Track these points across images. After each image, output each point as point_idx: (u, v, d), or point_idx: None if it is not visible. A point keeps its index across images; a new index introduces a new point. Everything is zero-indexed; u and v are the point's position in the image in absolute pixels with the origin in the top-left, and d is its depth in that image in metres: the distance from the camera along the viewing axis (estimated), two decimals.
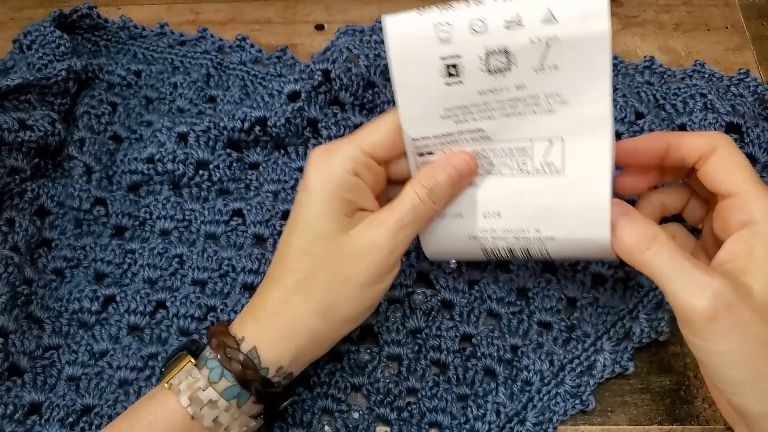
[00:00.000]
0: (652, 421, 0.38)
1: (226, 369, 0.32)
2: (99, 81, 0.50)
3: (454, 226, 0.35)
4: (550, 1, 0.28)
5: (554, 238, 0.33)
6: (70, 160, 0.45)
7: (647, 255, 0.30)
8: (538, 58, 0.29)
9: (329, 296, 0.32)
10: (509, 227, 0.34)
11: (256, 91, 0.49)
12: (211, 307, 0.41)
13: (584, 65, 0.29)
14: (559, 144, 0.31)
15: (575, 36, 0.28)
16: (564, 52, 0.29)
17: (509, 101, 0.31)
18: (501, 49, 0.29)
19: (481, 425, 0.37)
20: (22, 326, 0.40)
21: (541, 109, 0.31)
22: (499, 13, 0.29)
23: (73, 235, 0.44)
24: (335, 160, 0.33)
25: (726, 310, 0.28)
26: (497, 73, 0.30)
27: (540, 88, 0.30)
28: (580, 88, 0.30)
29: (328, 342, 0.34)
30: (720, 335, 0.28)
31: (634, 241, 0.30)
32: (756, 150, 0.44)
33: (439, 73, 0.31)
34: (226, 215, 0.44)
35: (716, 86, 0.47)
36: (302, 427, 0.37)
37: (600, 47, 0.28)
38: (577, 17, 0.28)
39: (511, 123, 0.32)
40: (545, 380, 0.38)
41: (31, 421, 0.37)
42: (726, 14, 0.53)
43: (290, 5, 0.55)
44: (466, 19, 0.29)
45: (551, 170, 0.32)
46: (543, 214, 0.33)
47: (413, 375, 0.38)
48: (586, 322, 0.39)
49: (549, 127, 0.31)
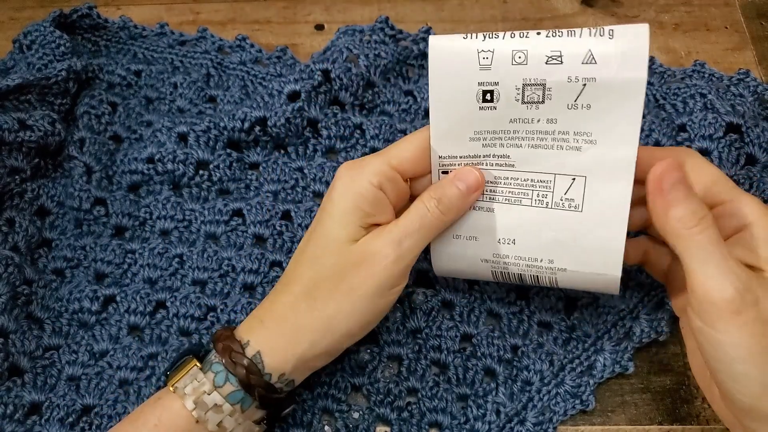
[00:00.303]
0: (652, 421, 0.38)
1: (231, 373, 0.32)
2: (99, 81, 0.50)
3: (468, 247, 0.35)
4: (592, 42, 0.29)
5: (566, 270, 0.34)
6: (70, 160, 0.45)
7: (693, 231, 0.29)
8: (572, 96, 0.30)
9: (332, 306, 0.32)
10: (523, 255, 0.34)
11: (256, 91, 0.49)
12: (211, 307, 0.41)
13: (617, 108, 0.30)
14: (581, 182, 0.32)
15: (612, 80, 0.29)
16: (599, 93, 0.30)
17: (539, 133, 0.32)
18: (538, 83, 0.30)
19: (481, 425, 0.37)
20: (22, 326, 0.40)
21: (569, 146, 0.32)
22: (541, 47, 0.30)
23: (73, 235, 0.44)
24: (363, 172, 0.33)
25: (752, 306, 0.28)
26: (531, 104, 0.31)
27: (570, 124, 0.31)
28: (609, 129, 0.31)
29: (329, 353, 0.34)
30: (739, 328, 0.28)
31: (684, 213, 0.29)
32: (756, 150, 0.44)
33: (475, 97, 0.31)
34: (226, 215, 0.44)
35: (716, 86, 0.47)
36: (302, 427, 0.37)
37: (635, 93, 0.29)
38: (617, 63, 0.29)
39: (537, 154, 0.32)
40: (545, 380, 0.38)
41: (31, 421, 0.37)
42: (726, 14, 0.53)
43: (290, 5, 0.55)
44: (509, 49, 0.30)
45: (570, 206, 0.33)
46: (558, 246, 0.33)
47: (413, 375, 0.38)
48: (586, 322, 0.39)
49: (574, 164, 0.32)
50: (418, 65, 0.50)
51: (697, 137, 0.45)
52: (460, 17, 0.54)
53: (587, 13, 0.54)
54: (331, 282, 0.33)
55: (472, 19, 0.54)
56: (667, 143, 0.45)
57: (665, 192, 0.30)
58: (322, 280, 0.33)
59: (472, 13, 0.54)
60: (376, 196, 0.33)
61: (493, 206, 0.34)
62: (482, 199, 0.34)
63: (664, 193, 0.30)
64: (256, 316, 0.34)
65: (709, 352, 0.29)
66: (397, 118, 0.47)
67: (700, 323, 0.29)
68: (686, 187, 0.30)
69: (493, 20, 0.54)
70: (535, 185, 0.33)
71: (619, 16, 0.54)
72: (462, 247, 0.35)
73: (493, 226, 0.34)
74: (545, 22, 0.53)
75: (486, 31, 0.31)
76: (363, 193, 0.33)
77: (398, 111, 0.48)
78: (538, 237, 0.34)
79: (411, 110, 0.48)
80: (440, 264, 0.37)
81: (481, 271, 0.36)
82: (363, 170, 0.33)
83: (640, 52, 0.29)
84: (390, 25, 0.50)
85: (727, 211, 0.31)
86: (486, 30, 0.53)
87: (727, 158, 0.44)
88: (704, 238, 0.29)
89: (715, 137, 0.44)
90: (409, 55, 0.49)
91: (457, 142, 0.33)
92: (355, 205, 0.33)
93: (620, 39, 0.29)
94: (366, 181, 0.33)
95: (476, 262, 0.36)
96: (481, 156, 0.33)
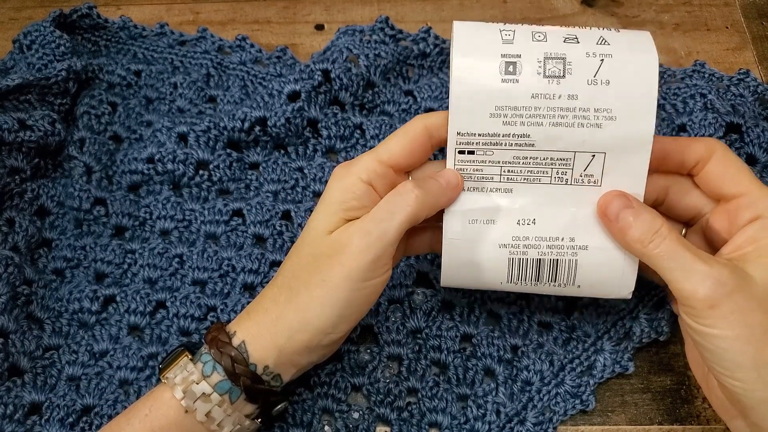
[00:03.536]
0: (652, 421, 0.38)
1: (218, 363, 0.32)
2: (99, 81, 0.50)
3: (485, 232, 0.34)
4: (603, 32, 0.32)
5: (587, 248, 0.34)
6: (70, 160, 0.45)
7: (650, 247, 0.31)
8: (592, 71, 0.31)
9: (306, 297, 0.32)
10: (543, 235, 0.34)
11: (256, 91, 0.49)
12: (211, 307, 0.41)
13: (634, 85, 0.31)
14: (600, 157, 0.33)
15: (626, 57, 0.31)
16: (616, 69, 0.31)
17: (560, 110, 0.32)
18: (559, 56, 0.31)
19: (481, 425, 0.37)
20: (22, 326, 0.40)
21: (589, 123, 0.32)
22: (558, 31, 0.32)
23: (73, 235, 0.44)
24: (353, 169, 0.33)
25: (726, 296, 0.29)
26: (552, 78, 0.32)
27: (591, 101, 0.32)
28: (628, 105, 0.31)
29: (309, 348, 0.33)
30: (721, 319, 0.29)
31: (639, 234, 0.31)
32: (756, 150, 0.44)
33: (498, 69, 0.32)
34: (226, 215, 0.44)
35: (716, 86, 0.47)
36: (302, 427, 0.37)
37: (649, 71, 0.31)
38: (627, 45, 0.32)
39: (558, 133, 0.32)
40: (545, 380, 0.38)
41: (31, 421, 0.37)
42: (726, 14, 0.53)
43: (290, 5, 0.55)
44: (529, 30, 0.32)
45: (590, 181, 0.33)
46: (579, 222, 0.34)
47: (413, 375, 0.38)
48: (586, 322, 0.39)
49: (594, 141, 0.32)
50: (418, 65, 0.49)
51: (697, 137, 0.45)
52: (460, 17, 0.54)
53: (587, 13, 0.54)
54: (306, 272, 0.33)
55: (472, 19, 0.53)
56: None
57: (615, 221, 0.32)
58: (299, 270, 0.33)
59: (472, 13, 0.54)
60: (363, 190, 0.33)
61: (511, 186, 0.34)
62: (500, 180, 0.34)
63: (614, 222, 0.32)
64: (246, 309, 0.35)
65: (704, 347, 0.31)
66: (397, 118, 0.47)
67: (688, 321, 0.31)
68: (632, 210, 0.32)
69: (493, 20, 0.53)
70: (555, 163, 0.33)
71: (619, 16, 0.54)
72: (478, 233, 0.34)
73: (512, 206, 0.34)
74: (545, 22, 0.53)
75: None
76: (350, 188, 0.33)
77: (398, 111, 0.48)
78: (559, 214, 0.34)
79: (411, 110, 0.48)
80: (452, 259, 0.35)
81: (496, 264, 0.35)
82: (353, 167, 0.34)
83: (647, 44, 0.32)
84: (390, 25, 0.50)
85: (744, 203, 0.32)
86: None
87: None
88: (665, 248, 0.31)
89: (715, 137, 0.44)
90: (409, 55, 0.49)
91: (477, 119, 0.33)
92: (341, 198, 0.33)
93: (626, 33, 0.32)
94: (355, 177, 0.33)
95: (493, 249, 0.34)
96: (500, 135, 0.33)
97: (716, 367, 0.30)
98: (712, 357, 0.30)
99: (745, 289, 0.29)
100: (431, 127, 0.34)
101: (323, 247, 0.33)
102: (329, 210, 0.33)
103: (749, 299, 0.29)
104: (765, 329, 0.29)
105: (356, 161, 0.34)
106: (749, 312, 0.29)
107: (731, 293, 0.29)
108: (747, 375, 0.29)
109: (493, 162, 0.33)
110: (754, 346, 0.29)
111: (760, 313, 0.29)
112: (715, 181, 0.33)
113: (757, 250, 0.31)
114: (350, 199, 0.33)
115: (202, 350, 0.33)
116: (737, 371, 0.29)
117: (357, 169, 0.33)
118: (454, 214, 0.34)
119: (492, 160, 0.33)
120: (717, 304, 0.29)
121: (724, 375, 0.30)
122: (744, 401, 0.30)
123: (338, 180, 0.34)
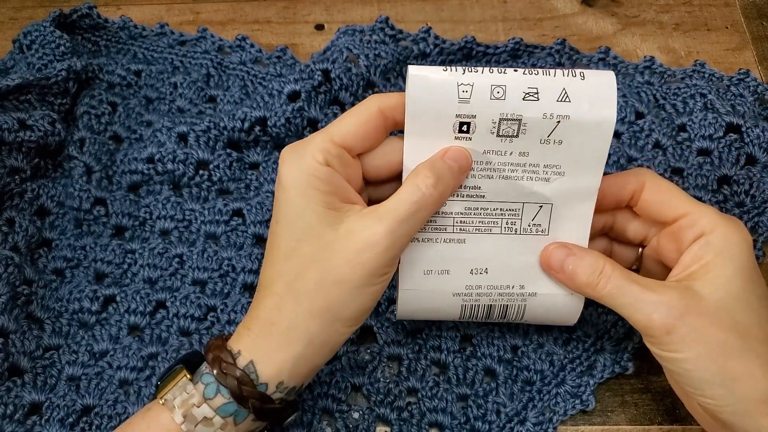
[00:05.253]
0: (652, 421, 0.38)
1: (222, 385, 0.31)
2: (99, 81, 0.50)
3: (439, 283, 0.35)
4: (566, 82, 0.31)
5: (536, 294, 0.35)
6: (70, 160, 0.45)
7: (599, 288, 0.32)
8: (546, 132, 0.32)
9: (322, 298, 0.31)
10: (495, 283, 0.35)
11: (256, 91, 0.49)
12: (211, 307, 0.41)
13: (586, 144, 0.32)
14: (548, 208, 0.34)
15: (584, 118, 0.31)
16: (571, 130, 0.31)
17: (510, 165, 0.33)
18: (515, 118, 0.31)
19: (482, 425, 0.37)
20: (22, 326, 0.40)
21: (538, 177, 0.33)
22: (519, 84, 0.31)
23: (73, 235, 0.44)
24: (305, 152, 0.31)
25: (679, 319, 0.30)
26: (506, 138, 0.32)
27: (541, 158, 0.32)
28: (577, 162, 0.32)
29: (328, 348, 0.32)
30: (679, 342, 0.30)
31: (585, 278, 0.32)
32: (756, 150, 0.44)
33: (452, 128, 0.32)
34: (226, 215, 0.44)
35: (716, 86, 0.47)
36: (302, 427, 0.37)
37: (604, 131, 0.31)
38: (588, 102, 0.31)
39: (507, 185, 0.33)
40: (545, 380, 0.38)
41: (31, 421, 0.37)
42: (726, 14, 0.53)
43: (290, 5, 0.55)
44: (488, 83, 0.31)
45: (537, 231, 0.34)
46: (528, 270, 0.35)
47: (413, 375, 0.38)
48: (586, 322, 0.39)
49: (542, 193, 0.33)
50: (418, 65, 0.49)
51: (697, 137, 0.45)
52: (460, 17, 0.54)
53: (587, 13, 0.54)
54: (316, 273, 0.31)
55: (472, 19, 0.54)
56: (667, 143, 0.45)
57: (560, 271, 0.33)
58: (305, 273, 0.31)
59: (472, 13, 0.54)
60: (326, 173, 0.31)
61: (464, 237, 0.34)
62: (453, 231, 0.34)
63: (560, 272, 0.34)
64: (244, 325, 0.32)
65: (672, 371, 0.32)
66: None
67: (652, 349, 0.32)
68: (574, 257, 0.33)
69: (493, 20, 0.54)
70: (504, 214, 0.34)
71: (620, 16, 0.54)
72: (433, 283, 0.35)
73: (465, 257, 0.34)
74: (545, 21, 0.53)
75: (466, 66, 0.31)
76: (312, 173, 0.31)
77: None
78: (509, 263, 0.35)
79: None
80: (407, 305, 0.36)
81: (449, 308, 0.36)
82: (306, 150, 0.31)
83: (610, 95, 0.31)
84: (390, 25, 0.50)
85: (687, 223, 0.33)
86: (485, 30, 0.53)
87: (726, 158, 0.44)
88: (613, 285, 0.32)
89: (715, 137, 0.44)
90: (409, 55, 0.49)
91: None
92: (311, 185, 0.31)
93: (591, 80, 0.31)
94: (311, 159, 0.31)
95: (447, 297, 0.35)
96: None
97: (688, 389, 0.31)
98: (681, 379, 0.31)
99: (696, 309, 0.30)
100: (386, 108, 0.32)
101: (333, 244, 0.31)
102: (307, 203, 0.31)
103: (702, 317, 0.30)
104: (722, 343, 0.30)
105: (306, 142, 0.32)
106: (703, 329, 0.30)
107: (683, 315, 0.30)
108: (716, 392, 0.30)
109: (446, 213, 0.34)
110: (716, 363, 0.30)
111: (715, 328, 0.30)
112: (653, 207, 0.34)
113: (703, 268, 0.31)
114: (320, 185, 0.31)
115: (202, 369, 0.32)
116: (707, 389, 0.30)
117: (311, 151, 0.31)
118: (410, 265, 0.34)
119: (445, 212, 0.34)
120: (672, 329, 0.30)
121: (696, 395, 0.31)
122: (721, 417, 0.30)
123: (294, 168, 0.31)
